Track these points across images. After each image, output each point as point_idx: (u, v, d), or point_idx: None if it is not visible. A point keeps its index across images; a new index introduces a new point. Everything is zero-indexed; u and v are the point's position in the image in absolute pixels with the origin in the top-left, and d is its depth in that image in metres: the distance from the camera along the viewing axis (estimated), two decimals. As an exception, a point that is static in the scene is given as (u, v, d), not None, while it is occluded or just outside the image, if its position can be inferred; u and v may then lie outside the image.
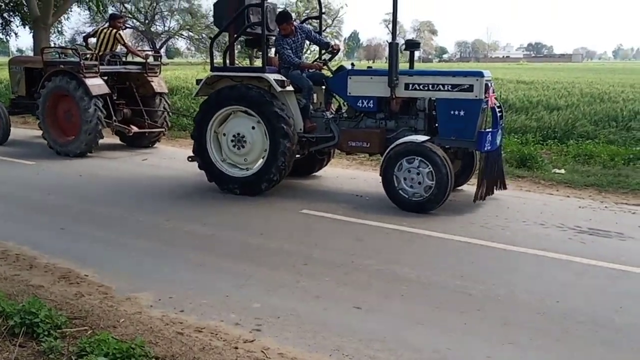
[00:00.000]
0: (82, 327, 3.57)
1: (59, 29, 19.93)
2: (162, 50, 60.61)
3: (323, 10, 8.65)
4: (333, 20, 27.00)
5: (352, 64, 7.78)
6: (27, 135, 12.02)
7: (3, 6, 20.62)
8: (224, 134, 7.44)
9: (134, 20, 55.20)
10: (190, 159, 7.76)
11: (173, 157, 9.94)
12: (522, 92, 15.42)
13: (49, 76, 9.93)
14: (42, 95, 10.02)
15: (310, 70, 7.50)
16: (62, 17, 18.21)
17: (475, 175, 7.06)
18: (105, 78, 10.06)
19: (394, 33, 6.93)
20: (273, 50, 8.18)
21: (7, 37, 21.52)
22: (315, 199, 7.08)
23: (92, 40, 11.14)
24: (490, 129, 6.60)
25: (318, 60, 7.99)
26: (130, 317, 3.79)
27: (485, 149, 6.49)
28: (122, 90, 10.80)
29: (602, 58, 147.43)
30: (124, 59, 11.01)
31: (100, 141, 10.09)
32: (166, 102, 11.05)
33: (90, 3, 19.57)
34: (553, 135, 11.06)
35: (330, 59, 7.78)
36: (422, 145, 6.40)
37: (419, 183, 6.39)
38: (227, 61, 7.63)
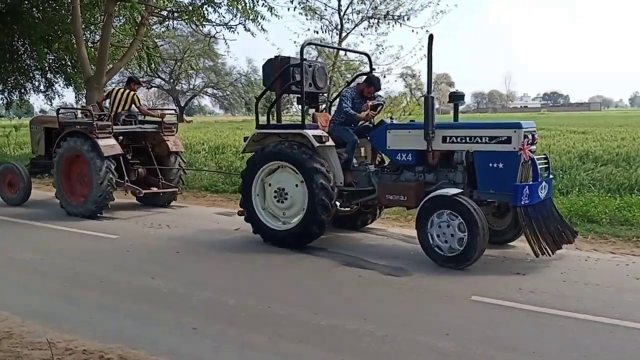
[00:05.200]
0: None
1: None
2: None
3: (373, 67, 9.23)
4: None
5: (391, 118, 8.32)
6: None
7: (47, 67, 20.16)
8: (270, 184, 7.61)
9: (160, 80, 55.50)
10: (239, 213, 7.93)
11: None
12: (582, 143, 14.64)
13: (64, 136, 9.93)
14: (57, 155, 9.99)
15: (360, 124, 7.70)
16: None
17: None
18: (121, 138, 10.14)
19: (429, 86, 6.81)
20: (323, 106, 8.65)
21: (52, 98, 21.00)
22: (486, 281, 5.86)
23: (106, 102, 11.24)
24: (528, 182, 6.33)
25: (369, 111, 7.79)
26: None
27: (522, 202, 6.19)
28: (137, 149, 10.83)
29: (618, 106, 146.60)
30: (141, 118, 10.89)
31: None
32: (182, 160, 10.99)
33: (142, 62, 19.04)
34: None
35: (377, 113, 7.90)
36: (452, 198, 6.20)
37: (452, 235, 6.19)
38: (272, 118, 8.11)
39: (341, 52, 16.62)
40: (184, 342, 4.44)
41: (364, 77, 8.19)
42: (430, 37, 6.72)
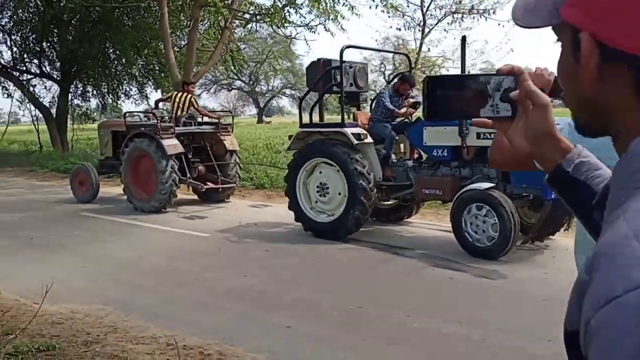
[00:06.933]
0: None
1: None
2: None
3: (413, 66, 9.84)
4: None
5: None
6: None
7: (137, 72, 21.10)
8: (320, 172, 8.00)
9: (240, 82, 56.73)
10: (290, 207, 8.33)
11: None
12: None
13: (130, 138, 10.58)
14: (125, 155, 10.63)
15: (398, 120, 8.06)
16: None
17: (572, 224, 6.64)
18: (182, 138, 10.72)
19: None
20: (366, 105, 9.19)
21: (147, 98, 22.06)
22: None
23: (162, 104, 12.34)
24: None
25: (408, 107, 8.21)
26: None
27: (552, 196, 6.10)
28: (197, 148, 11.47)
29: None
30: (199, 120, 11.50)
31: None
32: (238, 158, 11.58)
33: (227, 64, 19.58)
34: None
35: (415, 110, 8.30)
36: (484, 192, 6.46)
37: (484, 231, 6.46)
38: (315, 117, 8.56)
39: (424, 49, 16.43)
40: (279, 340, 4.50)
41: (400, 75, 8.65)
42: (463, 39, 7.29)
